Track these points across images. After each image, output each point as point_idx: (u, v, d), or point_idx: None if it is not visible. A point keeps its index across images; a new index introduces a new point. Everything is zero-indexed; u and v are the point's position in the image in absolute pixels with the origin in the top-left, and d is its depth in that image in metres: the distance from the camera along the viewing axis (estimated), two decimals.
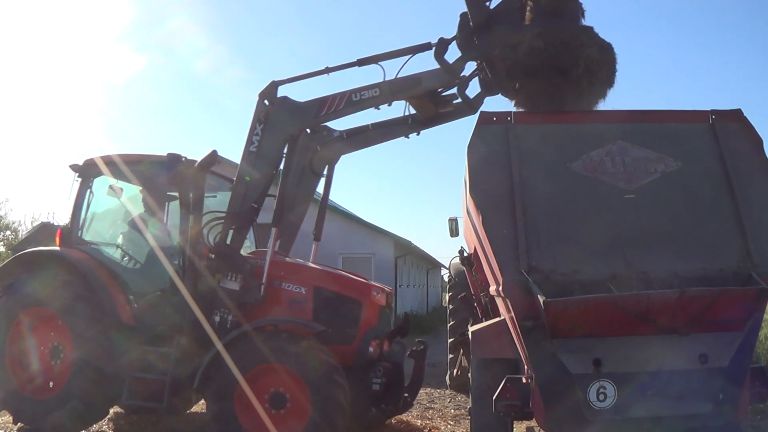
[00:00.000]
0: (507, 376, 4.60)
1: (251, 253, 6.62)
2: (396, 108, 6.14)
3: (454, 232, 10.75)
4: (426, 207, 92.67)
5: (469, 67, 5.75)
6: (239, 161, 6.13)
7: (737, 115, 4.98)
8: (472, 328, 5.62)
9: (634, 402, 4.25)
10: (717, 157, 4.79)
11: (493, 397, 4.53)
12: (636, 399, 4.25)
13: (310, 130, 6.45)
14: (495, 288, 4.90)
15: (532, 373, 4.42)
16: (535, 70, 5.22)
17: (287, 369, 5.38)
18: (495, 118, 4.98)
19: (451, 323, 9.04)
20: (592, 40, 5.25)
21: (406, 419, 7.37)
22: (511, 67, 5.39)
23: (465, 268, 7.14)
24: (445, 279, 31.22)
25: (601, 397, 4.24)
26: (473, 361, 5.32)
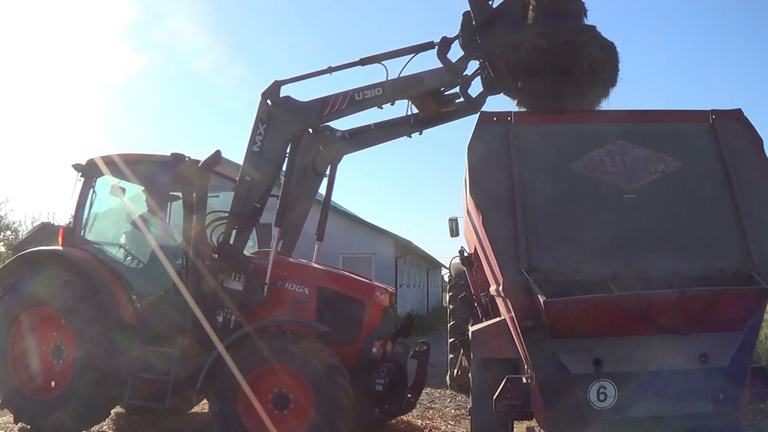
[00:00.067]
0: (507, 376, 4.60)
1: (254, 254, 6.61)
2: (398, 107, 6.15)
3: (455, 232, 10.77)
4: (426, 207, 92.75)
5: (471, 66, 5.75)
6: (241, 161, 6.12)
7: (737, 115, 4.98)
8: (472, 328, 5.62)
9: (634, 402, 4.25)
10: (717, 157, 4.80)
11: (494, 397, 4.53)
12: (636, 399, 4.25)
13: (312, 129, 6.42)
14: (495, 288, 4.90)
15: (533, 373, 4.42)
16: (537, 69, 5.21)
17: (291, 370, 5.37)
18: (495, 118, 4.99)
19: (451, 323, 9.05)
20: (595, 39, 5.24)
21: (406, 419, 7.37)
22: (514, 66, 5.37)
23: (465, 268, 7.14)
24: (446, 279, 31.21)
25: (602, 396, 4.24)
26: (473, 361, 5.32)
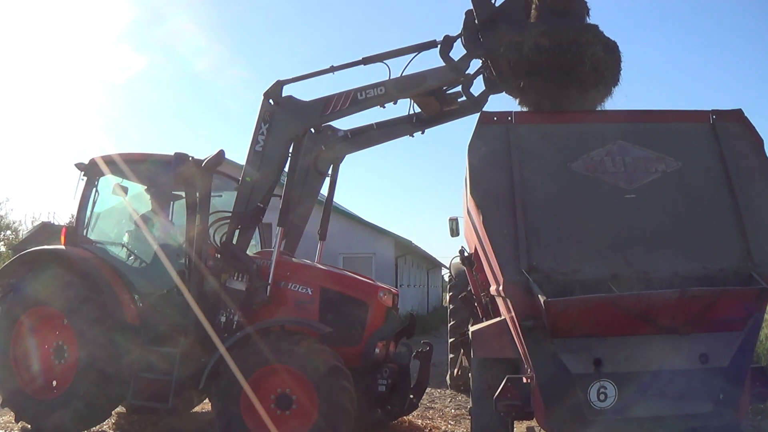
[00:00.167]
0: (507, 376, 4.60)
1: (257, 254, 6.60)
2: (400, 107, 6.14)
3: (455, 232, 10.75)
4: (426, 207, 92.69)
5: (473, 65, 5.74)
6: (244, 161, 6.11)
7: (738, 115, 4.98)
8: (472, 328, 5.61)
9: (634, 402, 4.25)
10: (717, 157, 4.80)
11: (494, 396, 4.53)
12: (636, 399, 4.25)
13: (314, 129, 6.42)
14: (495, 288, 4.90)
15: (533, 373, 4.43)
16: (540, 68, 5.20)
17: (293, 370, 5.36)
18: (496, 118, 4.99)
19: (451, 323, 9.04)
20: (597, 38, 5.23)
21: (406, 419, 7.37)
22: (516, 65, 5.37)
23: (465, 268, 7.13)
24: (446, 279, 31.27)
25: (602, 396, 4.24)
26: (474, 360, 5.31)
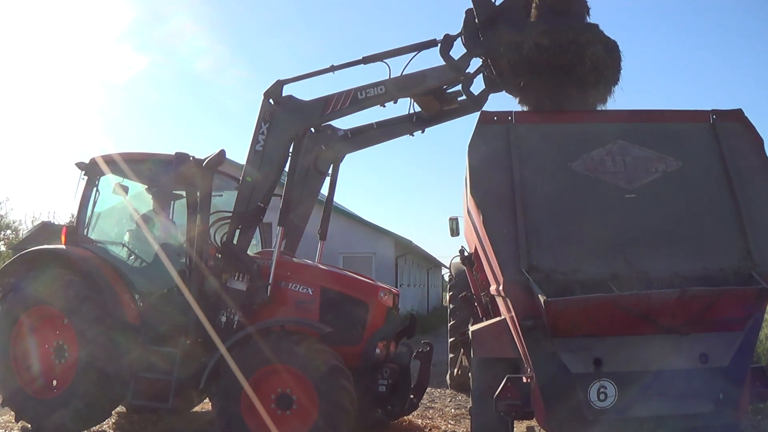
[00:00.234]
0: (508, 376, 4.60)
1: (258, 253, 6.59)
2: (400, 106, 6.14)
3: (455, 232, 10.73)
4: (426, 207, 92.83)
5: (474, 64, 5.74)
6: (243, 161, 6.11)
7: (738, 115, 4.98)
8: (472, 328, 5.61)
9: (634, 401, 4.25)
10: (717, 157, 4.80)
11: (494, 396, 4.53)
12: (636, 398, 4.25)
13: (314, 129, 6.41)
14: (495, 287, 4.90)
15: (533, 373, 4.43)
16: (540, 67, 5.20)
17: (294, 370, 5.36)
18: (496, 118, 4.99)
19: (451, 323, 9.03)
20: (597, 37, 5.23)
21: (407, 419, 7.37)
22: (516, 65, 5.36)
23: (465, 268, 7.13)
24: (446, 278, 31.24)
25: (602, 396, 4.24)
26: (474, 360, 5.31)
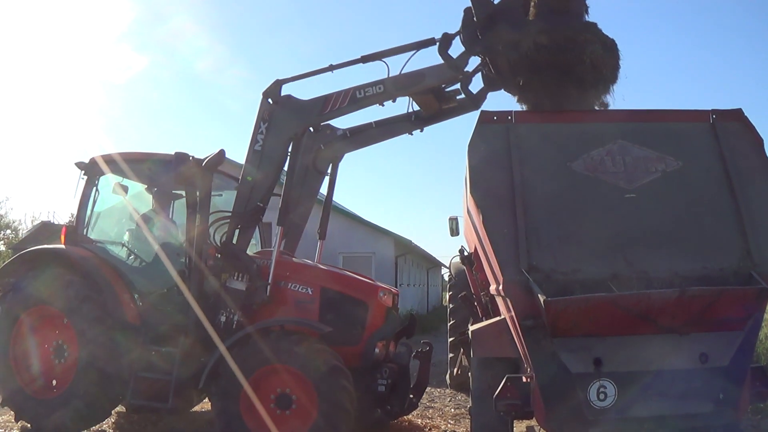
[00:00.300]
0: (507, 376, 4.60)
1: (257, 253, 6.59)
2: (399, 105, 6.15)
3: (455, 232, 10.73)
4: (426, 206, 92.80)
5: (472, 63, 5.74)
6: (244, 160, 6.11)
7: (738, 114, 4.98)
8: (472, 328, 5.61)
9: (634, 401, 4.25)
10: (717, 157, 4.79)
11: (494, 396, 4.53)
12: (636, 398, 4.25)
13: (313, 128, 6.40)
14: (495, 287, 4.90)
15: (533, 373, 4.42)
16: (538, 66, 5.20)
17: (293, 370, 5.36)
18: (495, 117, 4.98)
19: (451, 322, 9.03)
20: (596, 36, 5.23)
21: (406, 418, 7.37)
22: (515, 63, 5.36)
23: (465, 268, 7.13)
24: (446, 278, 31.28)
25: (602, 396, 4.24)
26: (473, 360, 5.32)
